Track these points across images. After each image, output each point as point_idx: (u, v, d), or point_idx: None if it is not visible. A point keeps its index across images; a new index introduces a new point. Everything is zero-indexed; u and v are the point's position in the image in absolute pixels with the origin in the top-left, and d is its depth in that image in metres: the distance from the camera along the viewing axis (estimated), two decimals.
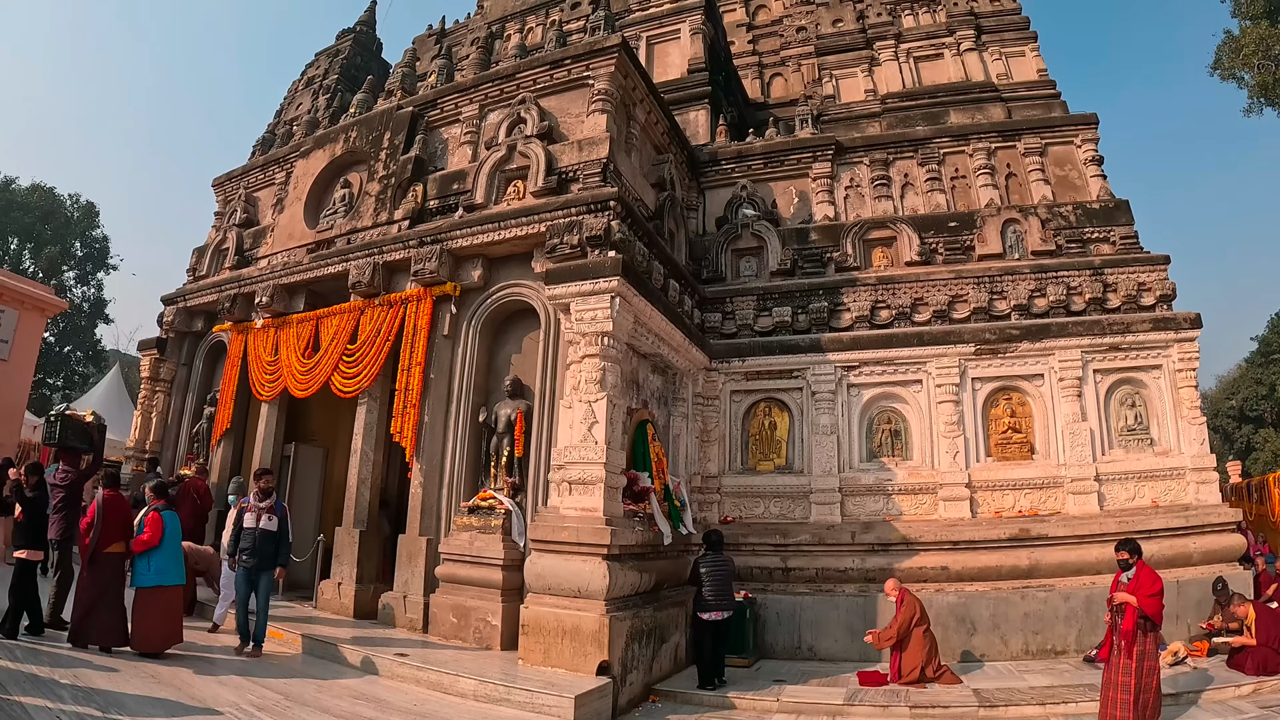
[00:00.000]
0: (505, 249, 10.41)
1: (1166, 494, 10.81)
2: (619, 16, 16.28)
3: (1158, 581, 6.89)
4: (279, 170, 14.39)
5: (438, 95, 12.24)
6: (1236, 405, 38.56)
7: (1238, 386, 39.75)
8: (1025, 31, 15.26)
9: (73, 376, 38.12)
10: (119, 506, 8.19)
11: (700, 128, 14.99)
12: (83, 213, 38.21)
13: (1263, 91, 19.89)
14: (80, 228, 37.86)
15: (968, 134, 13.55)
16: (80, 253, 37.91)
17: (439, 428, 10.38)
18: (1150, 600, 6.75)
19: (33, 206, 36.09)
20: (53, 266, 35.65)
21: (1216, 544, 10.47)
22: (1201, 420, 11.11)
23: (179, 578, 8.25)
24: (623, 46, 10.94)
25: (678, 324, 10.48)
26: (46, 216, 36.56)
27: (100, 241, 38.66)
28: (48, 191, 37.33)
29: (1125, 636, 6.78)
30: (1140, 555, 7.26)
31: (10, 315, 18.38)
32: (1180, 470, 10.85)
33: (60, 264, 36.53)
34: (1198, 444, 10.92)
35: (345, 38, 23.13)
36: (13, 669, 6.65)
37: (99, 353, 39.30)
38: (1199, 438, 10.95)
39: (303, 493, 12.85)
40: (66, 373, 37.82)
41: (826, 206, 13.52)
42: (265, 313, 12.71)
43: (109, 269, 39.10)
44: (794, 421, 11.87)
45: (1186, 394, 11.11)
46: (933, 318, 11.92)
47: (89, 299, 38.06)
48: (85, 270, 38.17)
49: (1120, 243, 12.21)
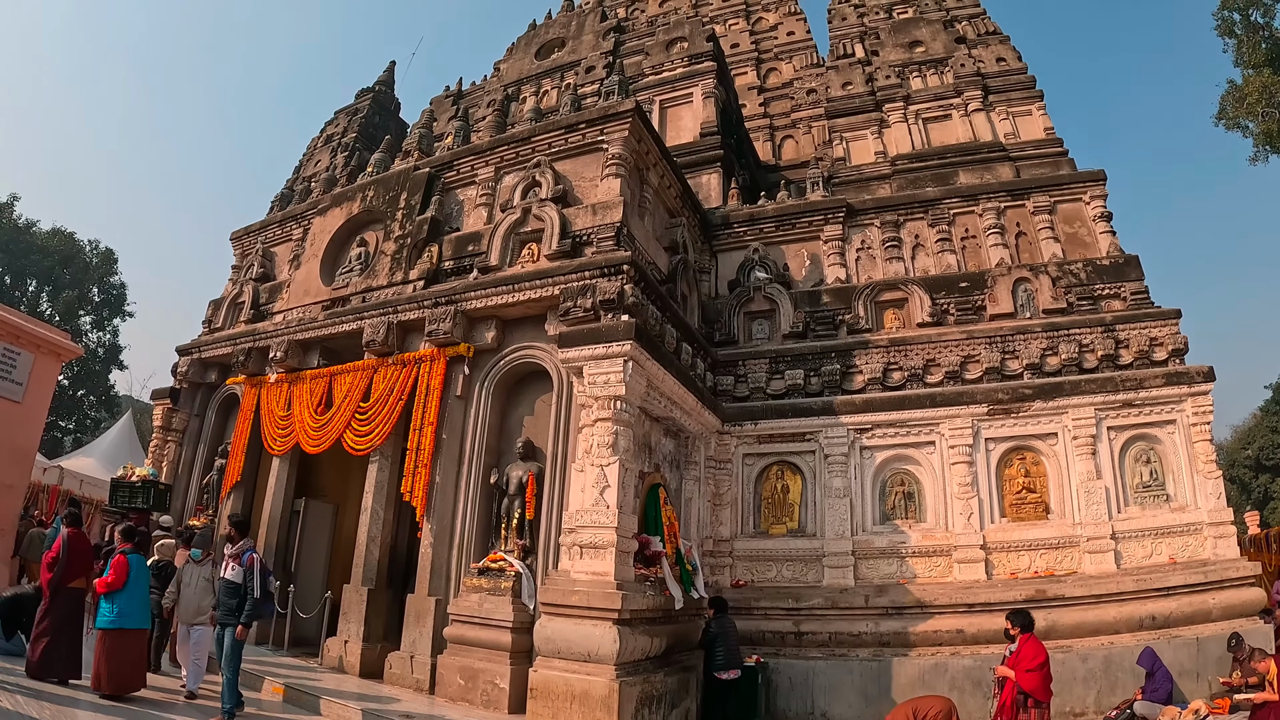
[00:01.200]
0: (519, 311, 10.47)
1: (1184, 550, 10.66)
2: (632, 80, 16.59)
3: (1039, 655, 6.85)
4: (296, 226, 14.60)
5: (454, 157, 12.45)
6: (1253, 454, 38.07)
7: (1253, 436, 39.29)
8: (1031, 91, 15.46)
9: (84, 420, 38.32)
10: (82, 543, 8.50)
11: (713, 190, 15.15)
12: (101, 259, 38.74)
13: (1268, 139, 19.88)
14: (99, 274, 38.35)
15: (977, 194, 13.64)
16: (98, 298, 38.34)
17: (450, 488, 10.35)
18: (1028, 675, 6.71)
19: (53, 250, 36.63)
20: (70, 311, 36.08)
21: (1236, 599, 10.30)
22: (1217, 474, 10.98)
23: (142, 621, 8.21)
24: (636, 111, 11.12)
25: (690, 387, 10.49)
26: (66, 261, 37.08)
27: (118, 288, 39.11)
28: (68, 236, 37.91)
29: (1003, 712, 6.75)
30: (1029, 628, 7.22)
31: (26, 358, 18.50)
32: (1197, 525, 10.71)
33: (77, 308, 36.97)
34: (1214, 498, 10.78)
35: (364, 97, 23.68)
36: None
37: (111, 398, 39.52)
38: (1215, 492, 10.81)
39: (311, 549, 12.80)
40: (79, 416, 38.03)
41: (838, 269, 13.61)
42: (279, 367, 12.77)
43: (125, 316, 39.52)
44: (806, 484, 11.80)
45: (1201, 448, 11.00)
46: (945, 379, 11.90)
47: (104, 344, 38.40)
48: (102, 316, 38.57)
49: (1131, 298, 12.20)
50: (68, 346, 20.46)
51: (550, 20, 20.48)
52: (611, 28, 18.65)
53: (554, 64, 18.14)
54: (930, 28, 16.96)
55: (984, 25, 17.18)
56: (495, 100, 14.37)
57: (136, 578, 8.08)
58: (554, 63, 18.40)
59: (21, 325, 18.45)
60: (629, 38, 19.35)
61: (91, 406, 38.57)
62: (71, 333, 28.58)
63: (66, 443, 36.10)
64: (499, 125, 12.82)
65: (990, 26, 17.12)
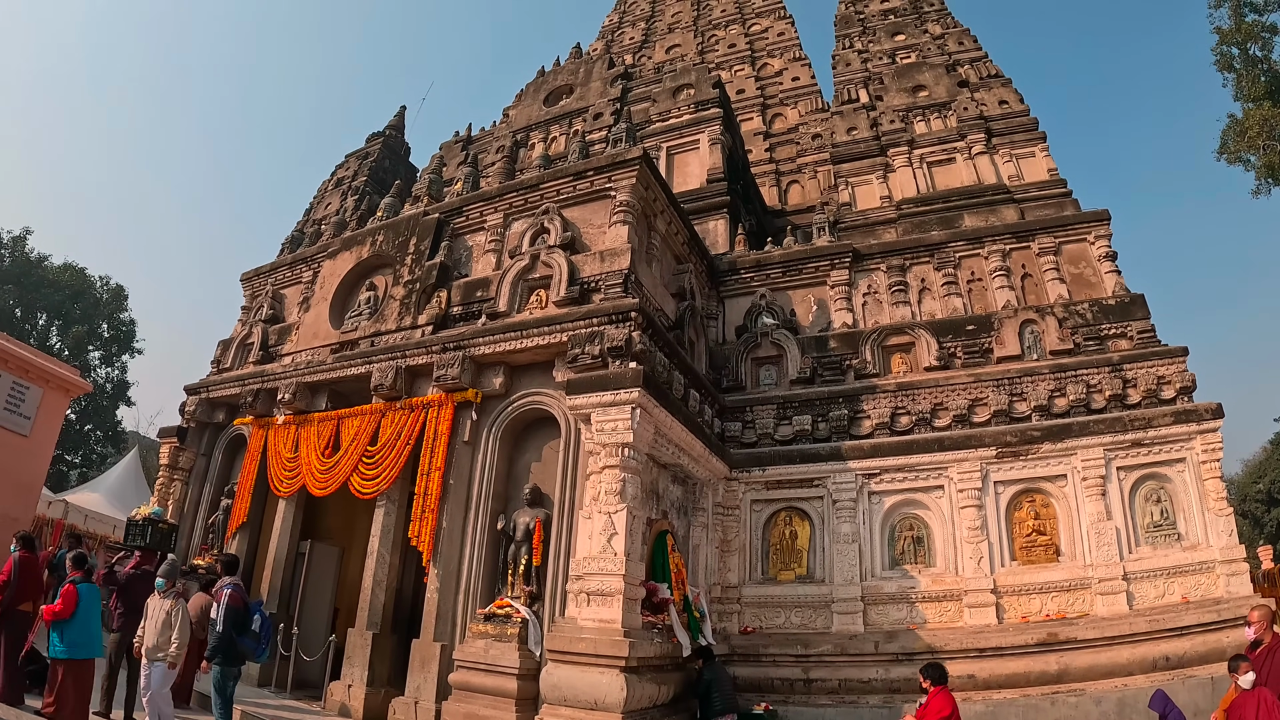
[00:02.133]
0: (527, 357, 10.52)
1: (1197, 589, 10.53)
2: (640, 127, 16.79)
3: (945, 708, 6.77)
4: (306, 269, 14.73)
5: (463, 203, 12.58)
6: (1264, 488, 37.83)
7: (1264, 469, 39.08)
8: (1034, 133, 15.57)
9: (90, 455, 38.38)
10: (32, 567, 8.63)
11: (719, 236, 15.26)
12: (112, 295, 39.06)
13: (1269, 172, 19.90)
14: (108, 309, 38.65)
15: (982, 237, 13.71)
16: (107, 334, 38.59)
17: (457, 533, 10.32)
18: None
19: (64, 285, 36.95)
20: (79, 346, 36.31)
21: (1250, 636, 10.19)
22: (1229, 511, 10.88)
23: (92, 651, 8.13)
24: (644, 159, 11.25)
25: (698, 434, 10.49)
26: (76, 296, 37.39)
27: (127, 325, 39.38)
28: (79, 271, 38.26)
29: None
30: (940, 681, 7.16)
31: (35, 393, 18.57)
32: (1209, 564, 10.58)
33: (87, 344, 37.21)
34: (1226, 535, 10.67)
35: (375, 141, 24.02)
36: None
37: (118, 434, 39.62)
38: (1227, 529, 10.71)
39: (316, 591, 12.71)
40: (85, 451, 38.09)
41: (845, 314, 13.66)
42: (287, 409, 12.81)
43: (134, 352, 39.75)
44: (815, 530, 11.74)
45: (1212, 485, 10.91)
46: (953, 422, 11.88)
47: (112, 380, 38.58)
48: (111, 352, 38.80)
49: (1138, 337, 12.18)
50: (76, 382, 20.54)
51: (558, 68, 20.83)
52: (619, 75, 18.94)
53: (562, 110, 18.41)
54: (933, 72, 17.17)
55: (986, 69, 17.37)
56: (504, 146, 14.56)
57: (87, 607, 8.02)
58: (562, 109, 18.68)
59: (31, 360, 18.55)
60: (636, 84, 19.63)
61: (98, 442, 38.65)
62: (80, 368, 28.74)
63: (72, 477, 36.14)
64: (508, 172, 12.98)
65: (992, 70, 17.31)
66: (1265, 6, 19.93)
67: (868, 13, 20.96)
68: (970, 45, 18.35)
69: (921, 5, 20.51)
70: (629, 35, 28.78)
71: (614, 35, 29.32)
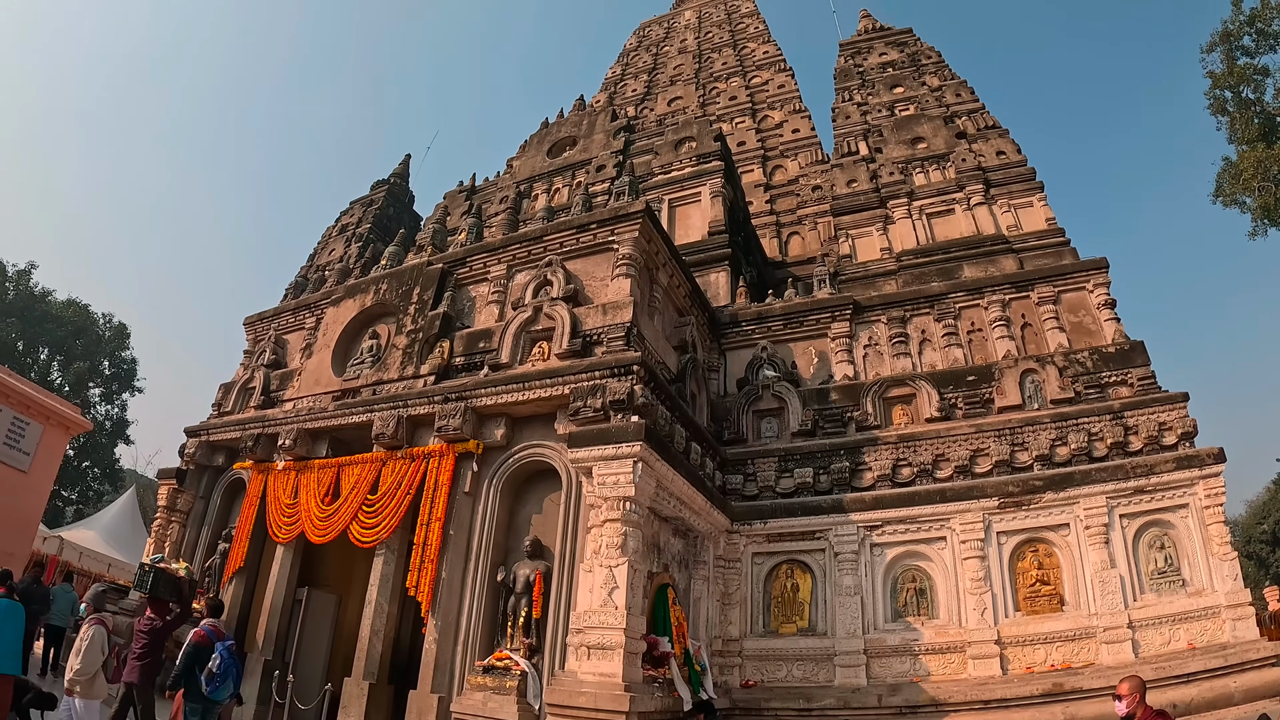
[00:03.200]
0: (529, 409, 10.54)
1: (1202, 635, 10.44)
2: (642, 179, 16.99)
3: None
4: (309, 315, 14.79)
5: (467, 253, 12.69)
6: (1269, 529, 37.77)
7: (1268, 509, 39.01)
8: (1032, 183, 15.76)
9: (88, 492, 38.25)
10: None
11: (721, 289, 15.38)
12: (114, 333, 39.23)
13: (1265, 213, 20.04)
14: (110, 347, 38.80)
15: (982, 287, 13.82)
16: (108, 372, 38.73)
17: (456, 584, 10.25)
18: None
19: (66, 321, 37.14)
20: (80, 382, 36.35)
21: (1258, 680, 10.00)
22: (1233, 556, 10.82)
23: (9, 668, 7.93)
24: (646, 212, 11.38)
25: (699, 487, 10.49)
26: (79, 332, 37.55)
27: (128, 363, 39.55)
28: (82, 308, 38.47)
29: None
30: None
31: (35, 429, 18.56)
32: (1215, 609, 10.51)
33: (88, 380, 37.26)
34: (1231, 580, 10.61)
35: (379, 188, 24.35)
36: None
37: (116, 471, 39.56)
38: (1232, 574, 10.65)
39: (313, 639, 12.58)
40: (82, 488, 37.96)
41: (846, 366, 13.74)
42: (287, 455, 12.78)
43: (134, 391, 39.83)
44: (817, 583, 11.69)
45: (1215, 530, 10.86)
46: (955, 473, 11.87)
47: (112, 418, 38.61)
48: (111, 389, 38.91)
49: (1138, 384, 12.21)
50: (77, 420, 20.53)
51: (562, 119, 21.14)
52: (621, 127, 19.22)
53: (565, 162, 18.65)
54: (931, 124, 17.43)
55: (983, 120, 17.62)
56: (508, 197, 14.73)
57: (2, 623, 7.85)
58: (565, 161, 18.92)
59: (32, 396, 18.55)
60: (638, 136, 19.95)
61: (95, 479, 38.55)
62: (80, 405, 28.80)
63: (68, 513, 36.01)
64: (511, 223, 13.09)
65: (989, 121, 17.56)
66: (1257, 49, 20.25)
67: (866, 66, 21.36)
68: (968, 97, 18.64)
69: (919, 58, 20.89)
70: (631, 87, 29.29)
71: (616, 87, 29.83)
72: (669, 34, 34.22)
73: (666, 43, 33.16)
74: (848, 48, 22.54)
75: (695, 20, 34.23)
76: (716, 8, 34.66)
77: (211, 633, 8.76)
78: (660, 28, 35.47)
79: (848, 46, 22.60)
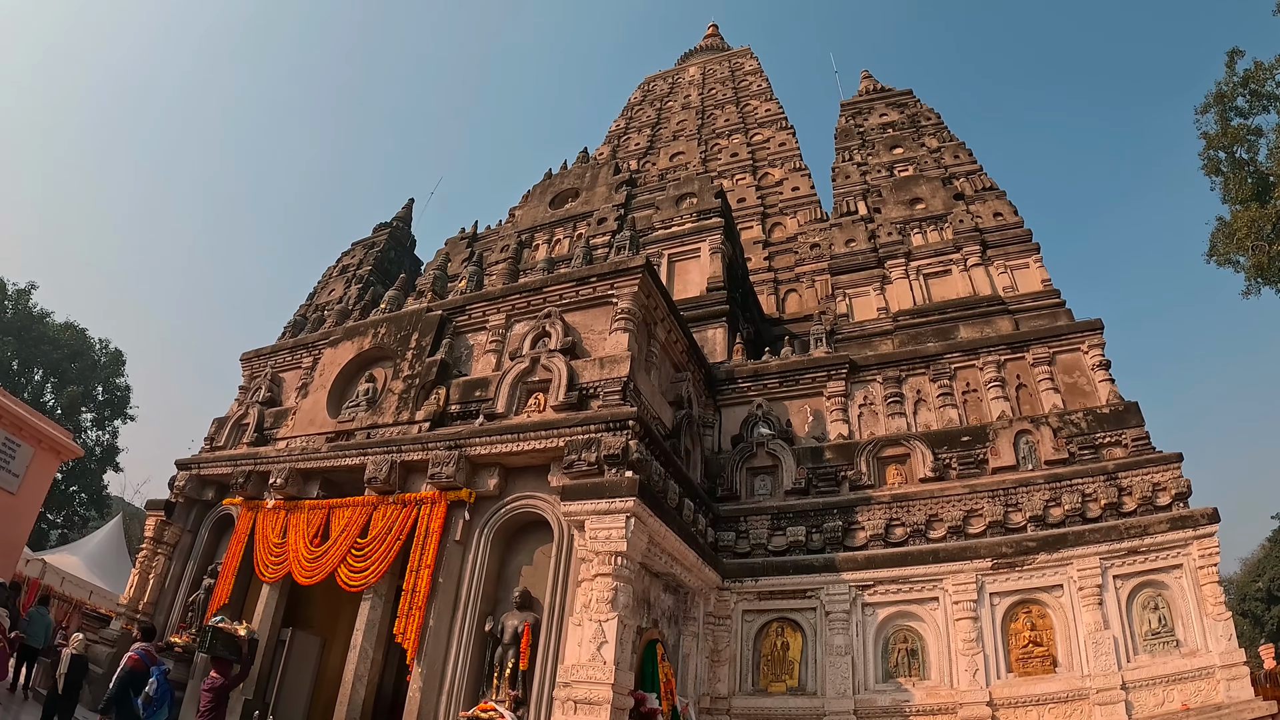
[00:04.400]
0: (523, 460, 10.54)
1: (1197, 695, 10.33)
2: (643, 234, 17.18)
3: None
4: (306, 355, 14.83)
5: (466, 301, 12.78)
6: (1263, 586, 37.71)
7: (1263, 567, 38.99)
8: (1028, 244, 15.93)
9: (73, 517, 37.83)
10: None
11: (718, 345, 15.49)
12: (110, 359, 39.12)
13: (1259, 272, 20.11)
14: (105, 373, 38.65)
15: (977, 348, 13.91)
16: (101, 397, 38.50)
17: (443, 632, 10.14)
18: None
19: (63, 344, 37.03)
20: (73, 406, 36.15)
21: None
22: (1227, 616, 10.74)
23: None
24: (646, 268, 11.50)
25: (691, 544, 10.46)
26: (74, 356, 37.43)
27: (122, 390, 39.34)
28: (79, 331, 38.38)
29: None
30: None
31: (26, 451, 18.45)
32: (1209, 669, 10.40)
33: (80, 405, 37.04)
34: (1225, 640, 10.52)
35: (381, 231, 24.62)
36: None
37: (103, 498, 39.18)
38: (1226, 633, 10.57)
39: (295, 681, 12.38)
40: (68, 512, 37.53)
41: (840, 425, 13.77)
42: (278, 494, 12.70)
43: (127, 418, 39.57)
44: (807, 641, 11.59)
45: (1210, 590, 10.81)
46: (948, 534, 11.84)
47: (102, 444, 38.30)
48: (103, 415, 38.65)
49: (1132, 445, 12.21)
50: (69, 446, 20.39)
51: (565, 171, 21.42)
52: (624, 181, 19.47)
53: (567, 214, 18.87)
54: (930, 185, 17.69)
55: (981, 181, 17.88)
56: (509, 245, 14.86)
57: None
58: (567, 212, 19.14)
59: (25, 418, 18.45)
60: (640, 191, 20.24)
61: (82, 504, 38.14)
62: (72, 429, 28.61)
63: (52, 536, 35.60)
64: (512, 273, 13.18)
65: (987, 183, 17.82)
66: (1251, 110, 20.56)
67: (867, 126, 21.73)
68: (966, 158, 18.94)
69: (919, 119, 21.27)
70: (635, 141, 29.78)
71: (620, 140, 30.31)
72: (673, 89, 34.87)
73: (670, 98, 33.77)
74: (849, 108, 22.98)
75: (699, 76, 34.89)
76: (721, 65, 35.37)
77: (145, 656, 9.06)
78: (665, 82, 36.15)
79: (849, 107, 23.05)
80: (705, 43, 41.13)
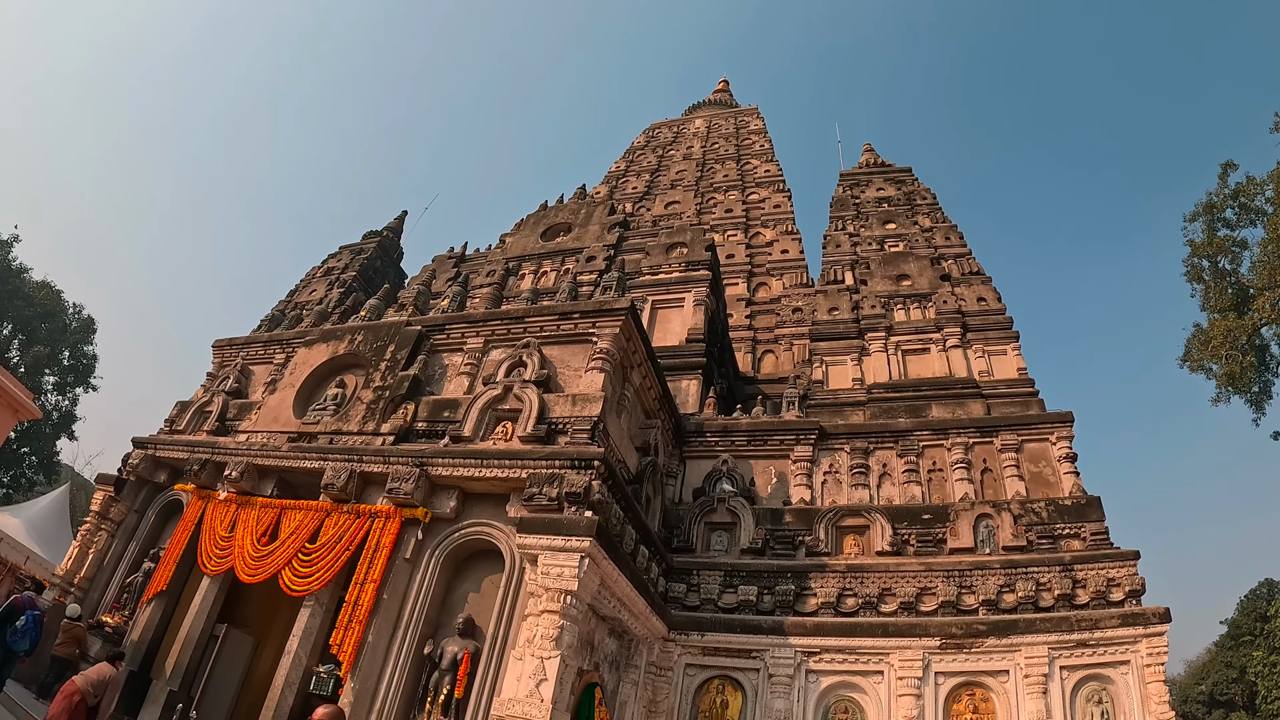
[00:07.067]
0: (483, 486, 10.48)
1: None
2: (630, 277, 17.29)
3: None
4: (280, 351, 14.69)
5: (447, 320, 12.76)
6: (1206, 690, 37.92)
7: (1208, 671, 39.22)
8: (1008, 331, 16.17)
9: (20, 479, 36.82)
10: None
11: (690, 396, 15.58)
12: (81, 325, 38.40)
13: (1230, 381, 20.48)
14: (74, 338, 37.89)
15: (947, 428, 14.04)
16: (67, 362, 37.69)
17: (381, 650, 9.98)
18: None
19: (37, 302, 36.27)
20: (37, 366, 35.38)
21: None
22: (1170, 715, 10.68)
23: None
24: (630, 311, 11.56)
25: (642, 591, 10.41)
26: (46, 316, 36.67)
27: (89, 359, 38.54)
28: (55, 292, 37.66)
29: None
30: None
31: None
32: None
33: (44, 366, 36.25)
34: None
35: (371, 239, 24.64)
36: None
37: (54, 464, 38.23)
38: None
39: (222, 679, 12.11)
40: (16, 473, 36.54)
41: (803, 489, 13.82)
42: (232, 486, 12.50)
43: (90, 387, 38.75)
44: (747, 702, 11.51)
45: (1155, 689, 10.79)
46: (899, 609, 11.84)
47: (60, 409, 37.44)
48: (66, 381, 37.81)
49: (1091, 539, 12.29)
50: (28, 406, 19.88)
51: (560, 205, 21.61)
52: (618, 222, 19.66)
53: (558, 247, 18.99)
54: (918, 263, 17.96)
55: (969, 265, 18.17)
56: (495, 271, 14.87)
57: None
58: (558, 246, 19.25)
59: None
60: (632, 234, 20.44)
61: (31, 467, 37.14)
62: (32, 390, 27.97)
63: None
64: (495, 298, 13.23)
65: (975, 267, 18.11)
66: (1238, 223, 21.05)
67: (863, 198, 22.08)
68: (956, 241, 19.25)
69: (915, 197, 21.62)
70: (632, 184, 30.11)
71: (618, 182, 30.66)
72: (677, 138, 35.35)
73: (673, 146, 34.23)
74: (848, 178, 23.35)
75: (704, 129, 35.40)
76: (727, 120, 35.90)
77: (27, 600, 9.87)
78: (669, 131, 36.65)
79: (848, 177, 23.42)
80: (714, 97, 41.84)
